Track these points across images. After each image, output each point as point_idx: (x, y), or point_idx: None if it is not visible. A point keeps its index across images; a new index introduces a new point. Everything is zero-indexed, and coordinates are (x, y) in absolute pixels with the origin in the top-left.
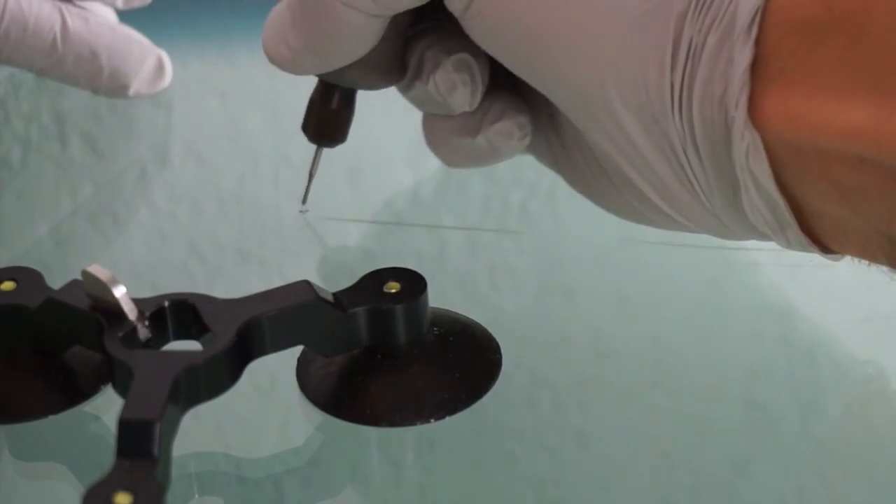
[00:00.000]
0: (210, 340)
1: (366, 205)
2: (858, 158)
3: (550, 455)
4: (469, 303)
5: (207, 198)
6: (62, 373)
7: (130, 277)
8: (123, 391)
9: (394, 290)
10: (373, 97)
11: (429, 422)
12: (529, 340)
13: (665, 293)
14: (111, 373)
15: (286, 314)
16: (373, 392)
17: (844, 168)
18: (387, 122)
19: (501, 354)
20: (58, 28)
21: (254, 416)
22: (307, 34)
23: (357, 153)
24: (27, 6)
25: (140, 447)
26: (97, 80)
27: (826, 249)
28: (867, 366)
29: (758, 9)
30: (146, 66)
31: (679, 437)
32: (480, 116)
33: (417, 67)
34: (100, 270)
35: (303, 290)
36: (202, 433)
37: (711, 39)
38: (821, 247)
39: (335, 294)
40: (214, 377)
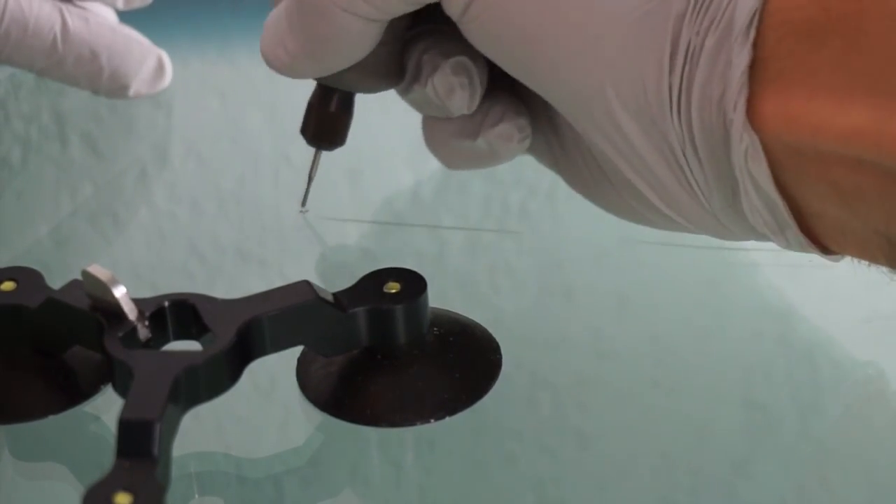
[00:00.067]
0: (210, 340)
1: (365, 205)
2: (857, 160)
3: (550, 455)
4: (469, 303)
5: (207, 198)
6: (62, 373)
7: (130, 277)
8: (123, 391)
9: (394, 291)
10: (372, 97)
11: (429, 422)
12: (529, 341)
13: (665, 293)
14: (111, 373)
15: (286, 314)
16: (373, 392)
17: (843, 169)
18: (387, 122)
19: (501, 355)
20: (58, 28)
21: (254, 416)
22: (305, 39)
23: (357, 153)
24: (27, 6)
25: (140, 447)
26: (97, 81)
27: (825, 250)
28: (867, 366)
29: (755, 11)
30: (146, 67)
31: (679, 438)
32: (480, 119)
33: (415, 71)
34: (100, 270)
35: (303, 291)
36: (202, 433)
37: (710, 41)
38: (820, 247)
39: (335, 294)
40: (214, 377)
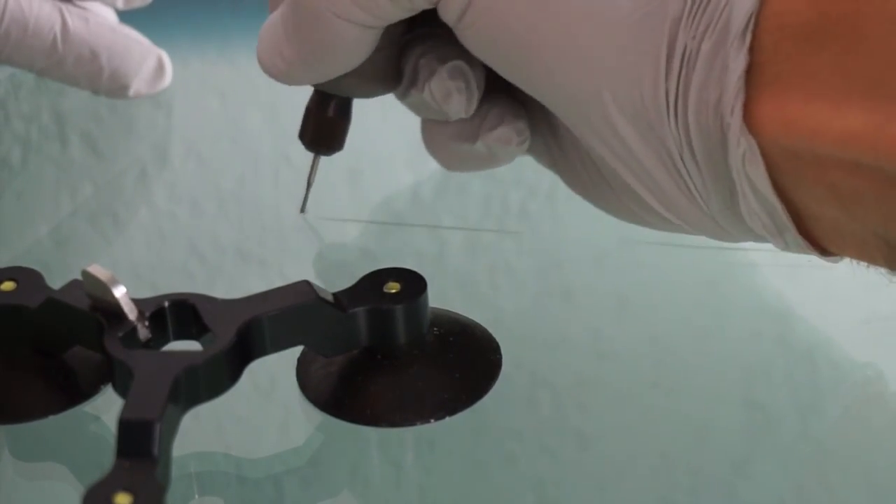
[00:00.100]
0: (210, 341)
1: (365, 205)
2: (855, 163)
3: (550, 455)
4: (469, 303)
5: (207, 198)
6: (62, 373)
7: (130, 277)
8: (123, 391)
9: (394, 291)
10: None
11: (429, 422)
12: (529, 341)
13: (664, 294)
14: (111, 373)
15: (286, 314)
16: (373, 392)
17: (841, 173)
18: (386, 123)
19: (501, 355)
20: (58, 28)
21: (254, 416)
22: (301, 46)
23: (357, 153)
24: (27, 6)
25: (140, 447)
26: (97, 81)
27: (824, 251)
28: (866, 367)
29: (752, 14)
30: (146, 67)
31: (678, 438)
32: (478, 122)
33: (412, 76)
34: (100, 270)
35: (303, 291)
36: (202, 433)
37: (706, 45)
38: (819, 249)
39: (335, 294)
40: (214, 377)
